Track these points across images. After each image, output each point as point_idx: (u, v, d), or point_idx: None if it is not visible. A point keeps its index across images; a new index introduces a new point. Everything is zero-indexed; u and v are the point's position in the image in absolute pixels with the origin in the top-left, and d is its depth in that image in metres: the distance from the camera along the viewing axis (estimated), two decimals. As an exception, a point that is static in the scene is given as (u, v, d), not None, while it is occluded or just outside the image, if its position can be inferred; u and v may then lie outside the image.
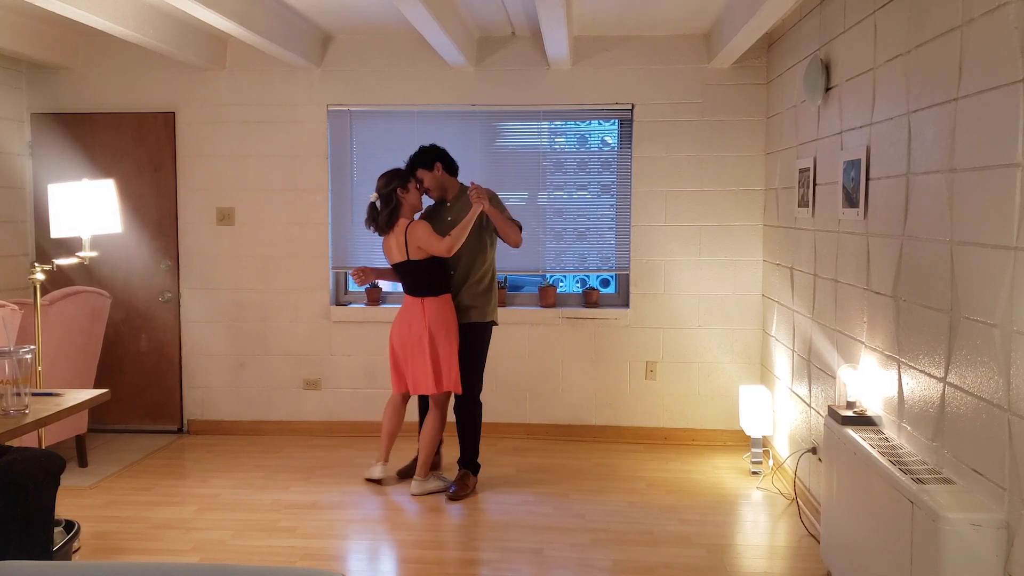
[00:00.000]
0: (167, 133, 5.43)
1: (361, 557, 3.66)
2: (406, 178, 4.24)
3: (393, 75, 5.31)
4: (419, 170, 4.30)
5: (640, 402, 5.34)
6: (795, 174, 4.28)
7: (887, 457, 2.71)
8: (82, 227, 3.89)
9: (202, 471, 4.75)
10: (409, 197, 4.23)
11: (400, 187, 4.21)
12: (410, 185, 4.24)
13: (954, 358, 2.49)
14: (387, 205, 4.20)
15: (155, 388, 5.52)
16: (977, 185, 2.36)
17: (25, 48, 4.89)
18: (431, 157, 4.30)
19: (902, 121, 2.91)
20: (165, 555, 3.61)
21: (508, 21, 4.90)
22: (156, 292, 5.49)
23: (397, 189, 4.20)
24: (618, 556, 3.61)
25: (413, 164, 4.31)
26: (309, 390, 5.47)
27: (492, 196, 4.26)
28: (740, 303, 5.23)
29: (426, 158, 4.30)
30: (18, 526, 2.79)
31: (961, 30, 2.47)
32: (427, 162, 4.29)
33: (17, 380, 2.82)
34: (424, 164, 4.29)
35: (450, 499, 4.26)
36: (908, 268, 2.85)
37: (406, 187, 4.22)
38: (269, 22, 4.47)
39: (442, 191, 4.36)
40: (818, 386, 3.90)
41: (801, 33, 4.25)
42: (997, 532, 2.18)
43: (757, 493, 4.41)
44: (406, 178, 4.24)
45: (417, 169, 4.30)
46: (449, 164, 4.35)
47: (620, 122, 5.35)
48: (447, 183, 4.36)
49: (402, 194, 4.21)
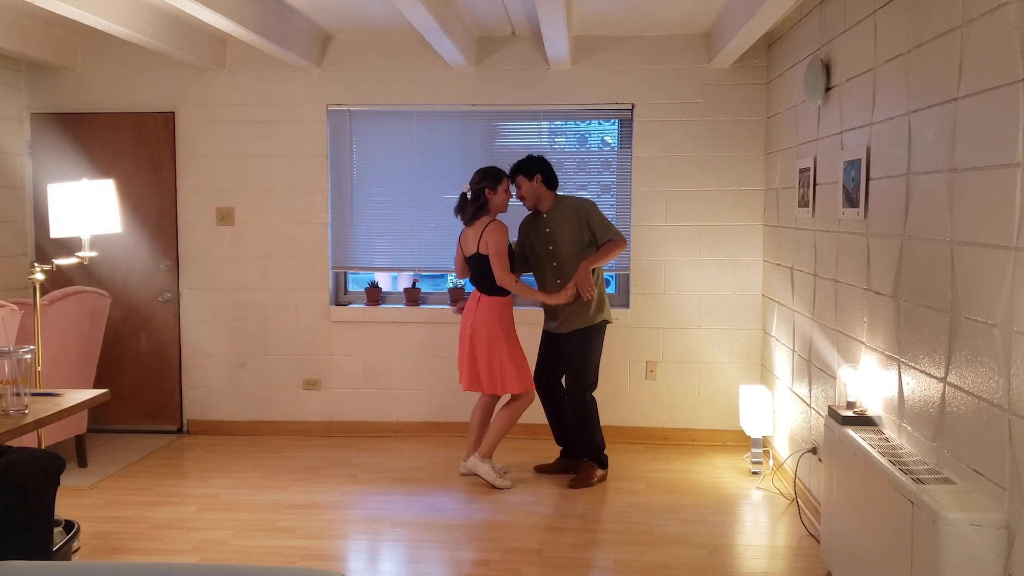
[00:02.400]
0: (167, 133, 5.43)
1: (361, 557, 3.66)
2: (498, 180, 4.38)
3: (393, 75, 5.31)
4: (519, 176, 4.44)
5: (640, 402, 5.34)
6: (795, 174, 4.28)
7: (887, 457, 2.71)
8: (82, 227, 3.89)
9: (202, 471, 4.75)
10: (496, 198, 4.37)
11: (489, 187, 4.35)
12: (499, 188, 4.37)
13: (954, 358, 2.49)
14: (475, 201, 4.36)
15: (155, 388, 5.52)
16: (977, 185, 2.36)
17: (25, 48, 4.89)
18: (534, 167, 4.44)
19: (902, 121, 2.90)
20: (165, 555, 3.60)
21: (508, 21, 4.90)
22: (156, 292, 5.49)
23: (486, 188, 4.35)
24: (618, 556, 3.61)
25: (515, 170, 4.46)
26: (309, 390, 5.47)
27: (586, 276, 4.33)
28: (740, 303, 5.23)
29: (529, 167, 4.44)
30: (18, 526, 2.79)
31: (961, 30, 2.47)
32: (529, 171, 4.44)
33: (17, 380, 2.82)
34: (525, 172, 4.44)
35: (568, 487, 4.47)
36: (908, 268, 2.85)
37: (495, 188, 4.36)
38: (269, 22, 4.47)
39: (536, 201, 4.48)
40: (818, 386, 3.90)
41: (801, 33, 4.25)
42: (997, 532, 2.18)
43: (757, 493, 4.41)
44: (498, 180, 4.38)
45: (518, 175, 4.44)
46: (549, 178, 4.47)
47: (620, 122, 5.35)
48: (543, 194, 4.47)
49: (490, 194, 4.35)
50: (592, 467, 4.54)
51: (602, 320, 4.48)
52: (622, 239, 4.42)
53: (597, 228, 4.40)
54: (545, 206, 4.48)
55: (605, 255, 4.37)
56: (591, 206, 4.47)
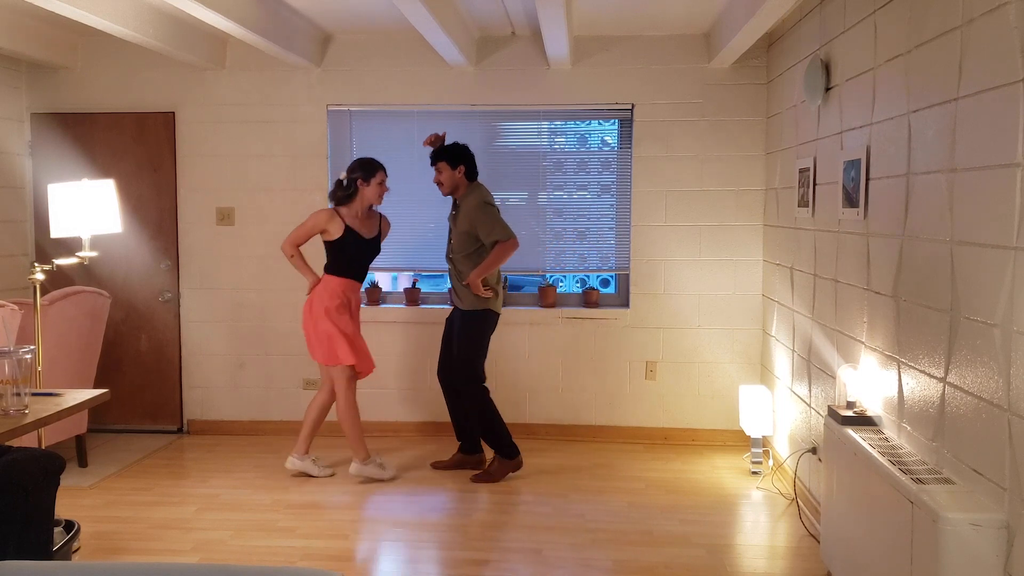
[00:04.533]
0: (167, 133, 5.43)
1: (361, 557, 3.66)
2: (372, 172, 4.44)
3: (393, 75, 5.31)
4: (442, 162, 4.49)
5: (640, 402, 5.34)
6: (795, 174, 4.28)
7: (887, 457, 2.71)
8: (82, 227, 3.89)
9: (202, 471, 4.75)
10: (368, 191, 4.44)
11: (362, 178, 4.43)
12: (373, 180, 4.43)
13: (954, 358, 2.49)
14: (346, 189, 4.44)
15: (155, 388, 5.52)
16: (977, 185, 2.36)
17: (25, 48, 4.89)
18: (458, 157, 4.49)
19: (902, 121, 2.91)
20: (165, 555, 3.61)
21: (508, 21, 4.90)
22: (156, 292, 5.49)
23: (359, 179, 4.43)
24: (618, 556, 3.61)
25: (442, 153, 4.50)
26: (309, 390, 5.46)
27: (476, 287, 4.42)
28: (740, 303, 5.23)
29: (455, 155, 4.49)
30: (18, 526, 2.79)
31: (961, 30, 2.47)
32: (453, 160, 4.48)
33: (17, 380, 2.82)
34: (450, 160, 4.48)
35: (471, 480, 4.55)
36: (908, 268, 2.85)
37: (368, 181, 4.43)
38: (269, 22, 4.47)
39: (452, 189, 4.53)
40: (818, 386, 3.90)
41: (801, 33, 4.25)
42: (997, 532, 2.18)
43: (757, 493, 4.41)
44: (372, 172, 4.44)
45: (441, 160, 4.49)
46: (471, 170, 4.54)
47: (620, 122, 5.35)
48: (461, 184, 4.52)
49: (362, 185, 4.43)
50: (500, 461, 4.56)
51: (489, 309, 4.52)
52: (510, 239, 4.41)
53: (482, 229, 4.41)
54: (459, 194, 4.54)
55: (493, 262, 4.42)
56: (482, 205, 4.44)
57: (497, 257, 4.41)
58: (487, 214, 4.42)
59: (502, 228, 4.40)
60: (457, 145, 4.51)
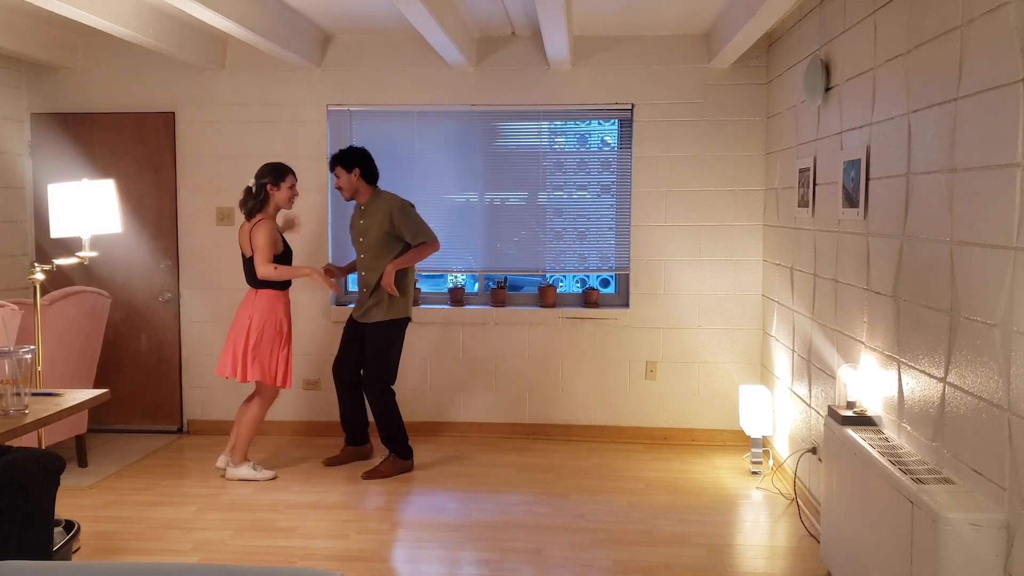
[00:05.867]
0: (167, 133, 5.43)
1: (361, 557, 3.66)
2: (282, 176, 4.41)
3: (393, 75, 5.31)
4: (338, 167, 4.49)
5: (640, 402, 5.34)
6: (795, 174, 4.28)
7: (887, 457, 2.71)
8: (82, 227, 3.89)
9: (202, 471, 4.75)
10: (278, 195, 4.40)
11: (271, 183, 4.39)
12: (283, 184, 4.40)
13: (954, 358, 2.49)
14: (256, 196, 4.38)
15: (155, 388, 5.52)
16: (977, 185, 2.36)
17: (25, 48, 4.89)
18: (353, 160, 4.48)
19: (902, 121, 2.91)
20: (165, 555, 3.61)
21: (508, 21, 4.90)
22: (156, 292, 5.49)
23: (268, 184, 4.38)
24: (618, 556, 3.61)
25: (335, 160, 4.51)
26: (309, 390, 5.47)
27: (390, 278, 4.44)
28: (740, 303, 5.23)
29: (348, 159, 4.48)
30: (18, 526, 2.79)
31: (961, 30, 2.47)
32: (348, 163, 4.48)
33: (17, 380, 2.82)
34: (344, 164, 4.48)
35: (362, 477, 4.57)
36: (908, 268, 2.85)
37: (278, 185, 4.39)
38: (269, 22, 4.47)
39: (353, 193, 4.55)
40: (818, 386, 3.90)
41: (801, 33, 4.25)
42: (997, 532, 2.18)
43: (757, 493, 4.41)
44: (282, 176, 4.41)
45: (337, 166, 4.49)
46: (368, 171, 4.52)
47: (620, 122, 5.35)
48: (360, 188, 4.53)
49: (272, 190, 4.39)
50: (394, 459, 4.62)
51: (402, 317, 4.55)
52: (434, 241, 4.50)
53: (409, 230, 4.46)
54: (363, 199, 4.55)
55: (414, 257, 4.48)
56: (406, 208, 4.51)
57: (418, 255, 4.48)
58: (412, 216, 4.51)
59: (428, 230, 4.51)
60: (353, 148, 4.53)
